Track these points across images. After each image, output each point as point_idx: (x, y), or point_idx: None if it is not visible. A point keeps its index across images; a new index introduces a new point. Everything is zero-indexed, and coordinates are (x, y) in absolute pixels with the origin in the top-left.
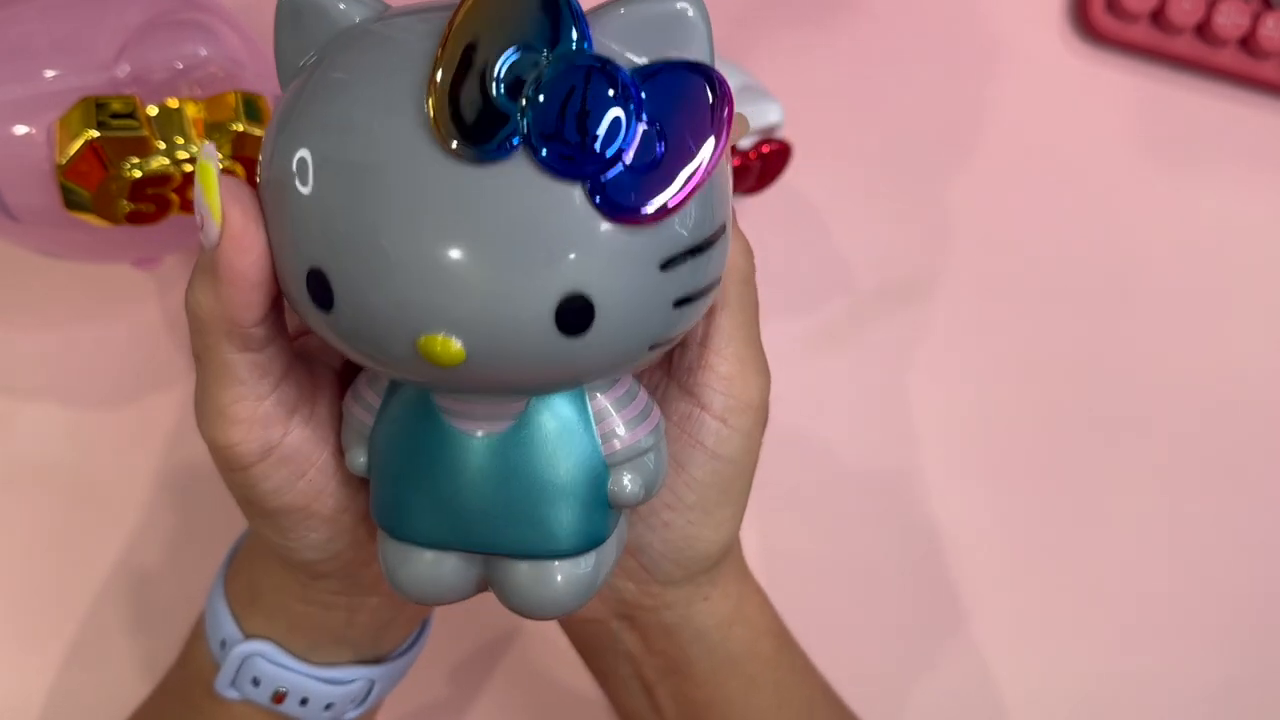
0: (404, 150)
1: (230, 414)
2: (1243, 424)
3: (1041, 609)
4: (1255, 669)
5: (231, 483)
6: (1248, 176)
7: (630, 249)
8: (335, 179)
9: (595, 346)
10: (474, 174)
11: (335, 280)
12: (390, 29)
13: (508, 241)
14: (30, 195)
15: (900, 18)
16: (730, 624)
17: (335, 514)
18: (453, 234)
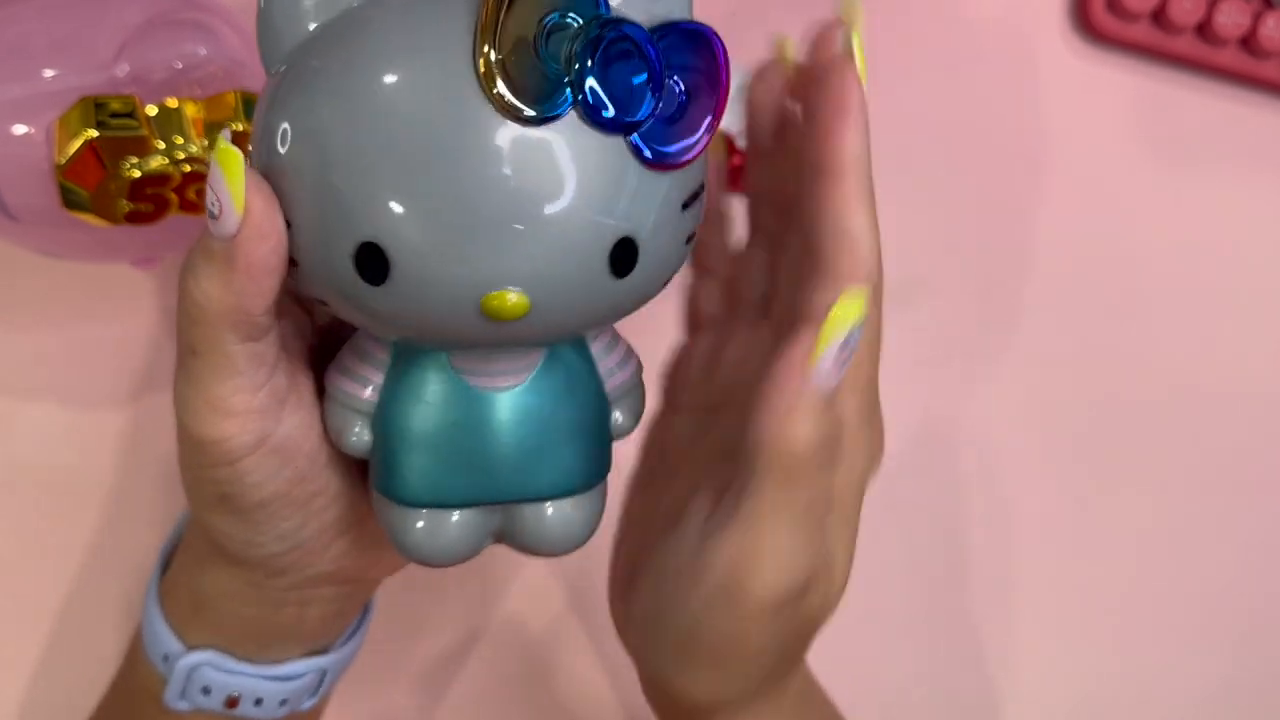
0: (461, 117)
1: (227, 406)
2: (1243, 424)
3: (1041, 609)
4: (1256, 670)
5: (212, 479)
6: (1248, 176)
7: (666, 193)
8: (390, 151)
9: (636, 285)
10: (532, 134)
11: (395, 251)
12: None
13: (569, 195)
14: (29, 195)
15: (899, 17)
16: None
17: (309, 499)
18: (518, 194)
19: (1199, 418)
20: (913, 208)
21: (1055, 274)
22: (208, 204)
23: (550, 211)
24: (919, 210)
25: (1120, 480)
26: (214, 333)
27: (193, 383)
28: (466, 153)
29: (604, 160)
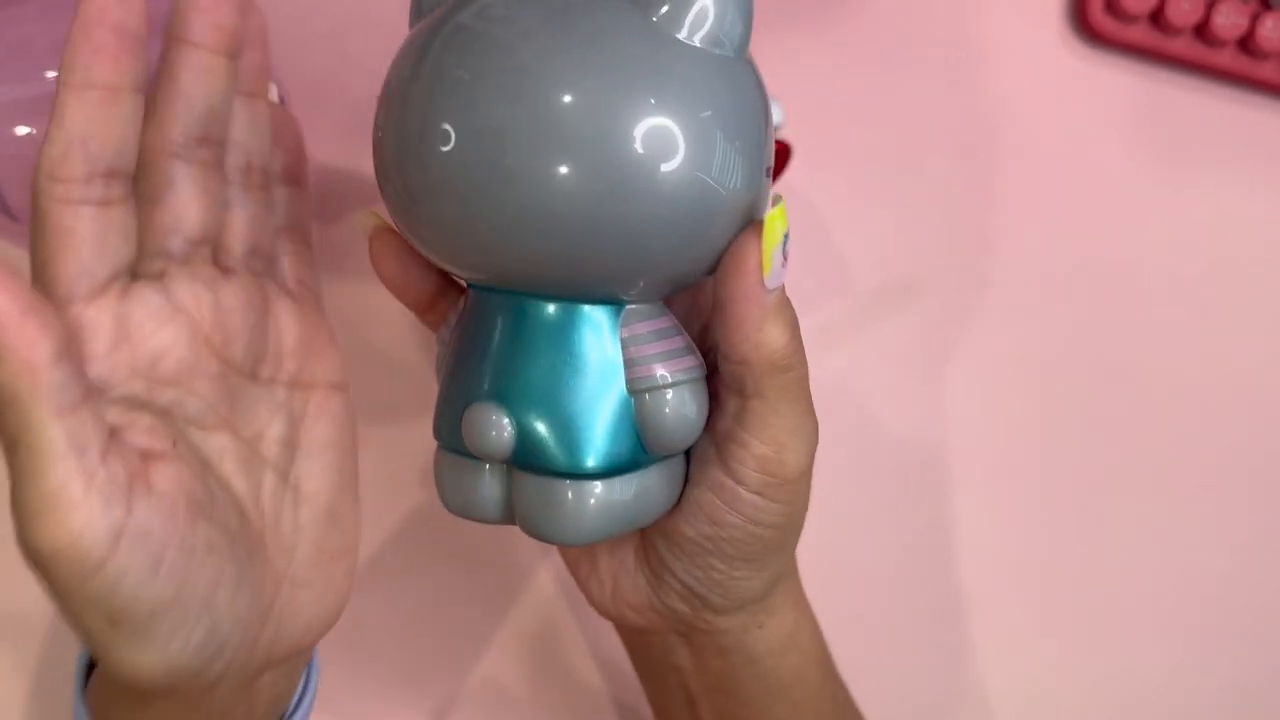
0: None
1: (65, 497)
2: (1243, 424)
3: (1040, 609)
4: (1254, 670)
5: (88, 599)
6: (1247, 177)
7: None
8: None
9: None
10: None
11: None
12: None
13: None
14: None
15: (900, 18)
16: (784, 651)
17: (209, 593)
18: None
19: (1199, 417)
20: (911, 208)
21: (1054, 274)
22: None
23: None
24: (917, 211)
25: (1120, 480)
26: (26, 409)
27: (22, 484)
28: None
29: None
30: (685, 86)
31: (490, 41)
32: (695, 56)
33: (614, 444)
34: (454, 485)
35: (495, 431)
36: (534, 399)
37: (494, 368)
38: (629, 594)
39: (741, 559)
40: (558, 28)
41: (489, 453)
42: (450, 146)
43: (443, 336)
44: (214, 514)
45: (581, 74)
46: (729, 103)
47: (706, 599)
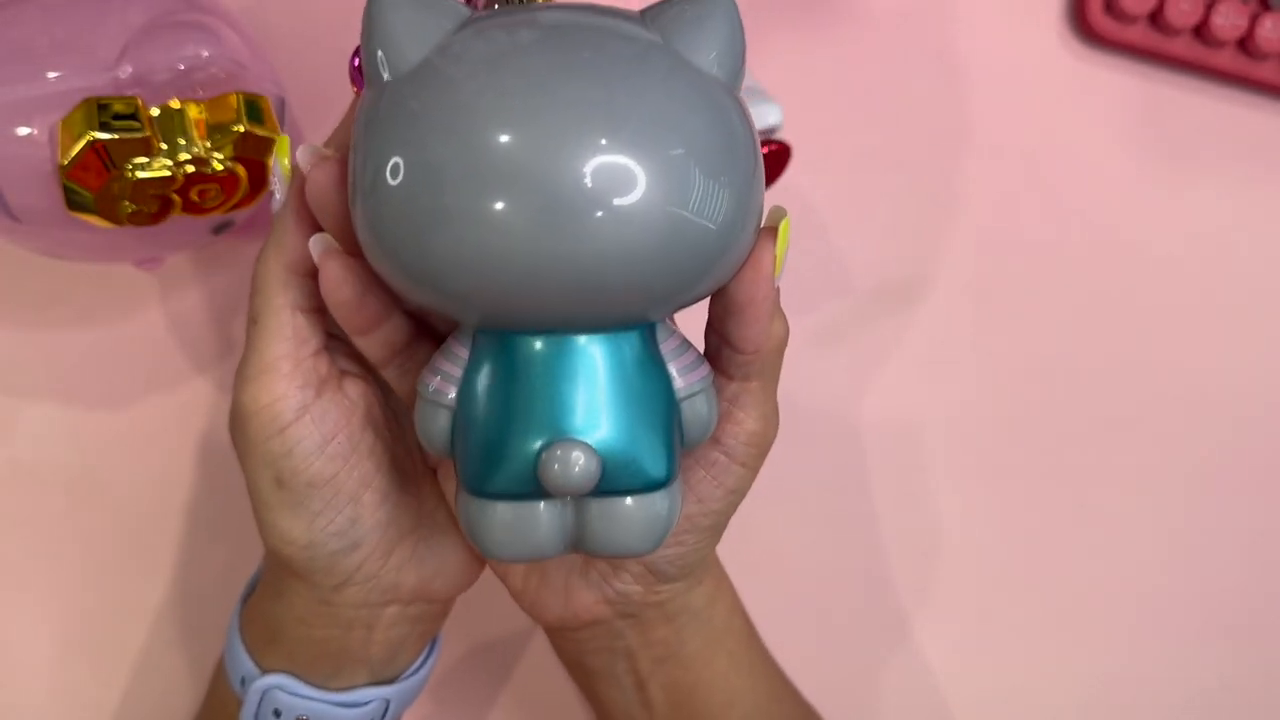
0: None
1: (277, 368)
2: (1242, 425)
3: (1039, 609)
4: (1253, 671)
5: (266, 455)
6: (1246, 177)
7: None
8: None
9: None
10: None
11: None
12: None
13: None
14: (32, 196)
15: (899, 19)
16: (714, 600)
17: (357, 490)
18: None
19: (1199, 417)
20: (910, 208)
21: (1053, 274)
22: (272, 191)
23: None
24: (917, 211)
25: (1119, 480)
26: (270, 296)
27: (250, 351)
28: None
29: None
30: (649, 123)
31: (445, 77)
32: (674, 87)
33: (673, 452)
34: (509, 531)
35: (581, 467)
36: (609, 427)
37: (553, 404)
38: (581, 592)
39: (710, 528)
40: (518, 60)
41: (574, 489)
42: (399, 180)
43: (433, 386)
44: (383, 434)
45: (525, 113)
46: (707, 134)
47: (664, 573)
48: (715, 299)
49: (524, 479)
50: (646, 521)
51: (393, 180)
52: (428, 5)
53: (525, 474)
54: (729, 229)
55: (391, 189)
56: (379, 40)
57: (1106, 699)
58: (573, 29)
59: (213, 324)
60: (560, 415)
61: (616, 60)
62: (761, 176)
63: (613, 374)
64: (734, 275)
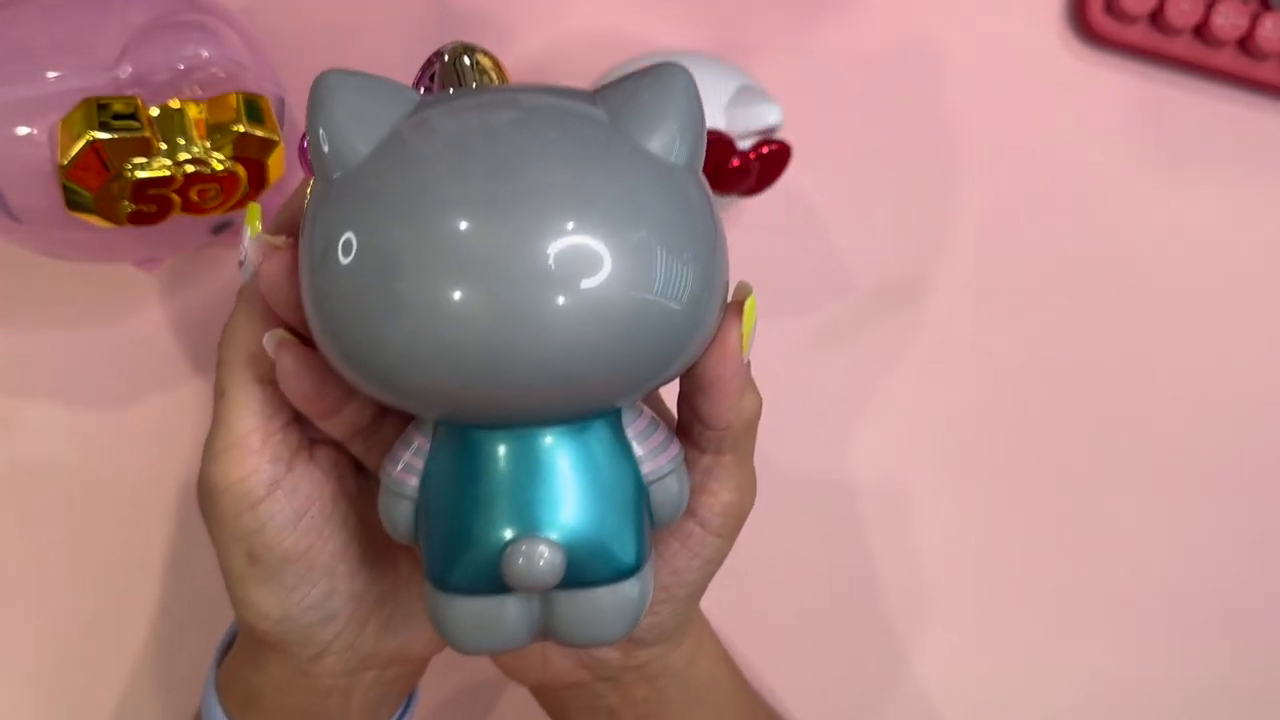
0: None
1: (247, 443)
2: (1242, 425)
3: (1039, 608)
4: (1252, 671)
5: (238, 532)
6: (1246, 177)
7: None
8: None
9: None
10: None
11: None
12: None
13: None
14: (32, 196)
15: (899, 19)
16: (695, 659)
17: (332, 562)
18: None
19: (1198, 418)
20: (910, 208)
21: (1053, 275)
22: (239, 259)
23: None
24: (916, 211)
25: (1119, 480)
26: (236, 370)
27: (218, 426)
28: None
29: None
30: (611, 207)
31: (405, 157)
32: (634, 168)
33: (643, 537)
34: (477, 626)
35: (545, 561)
36: (575, 519)
37: (516, 499)
38: (558, 659)
39: (687, 598)
40: (476, 143)
41: (539, 585)
42: (350, 259)
43: (394, 476)
44: (356, 502)
45: (485, 199)
46: (667, 214)
47: (641, 640)
48: (685, 376)
49: (488, 575)
50: (616, 610)
51: (344, 258)
52: (376, 91)
53: (489, 570)
54: (695, 308)
55: (342, 267)
56: (326, 127)
57: (1107, 699)
58: (530, 112)
59: (213, 324)
60: (524, 510)
61: (574, 143)
62: (725, 252)
63: (578, 465)
64: (702, 353)
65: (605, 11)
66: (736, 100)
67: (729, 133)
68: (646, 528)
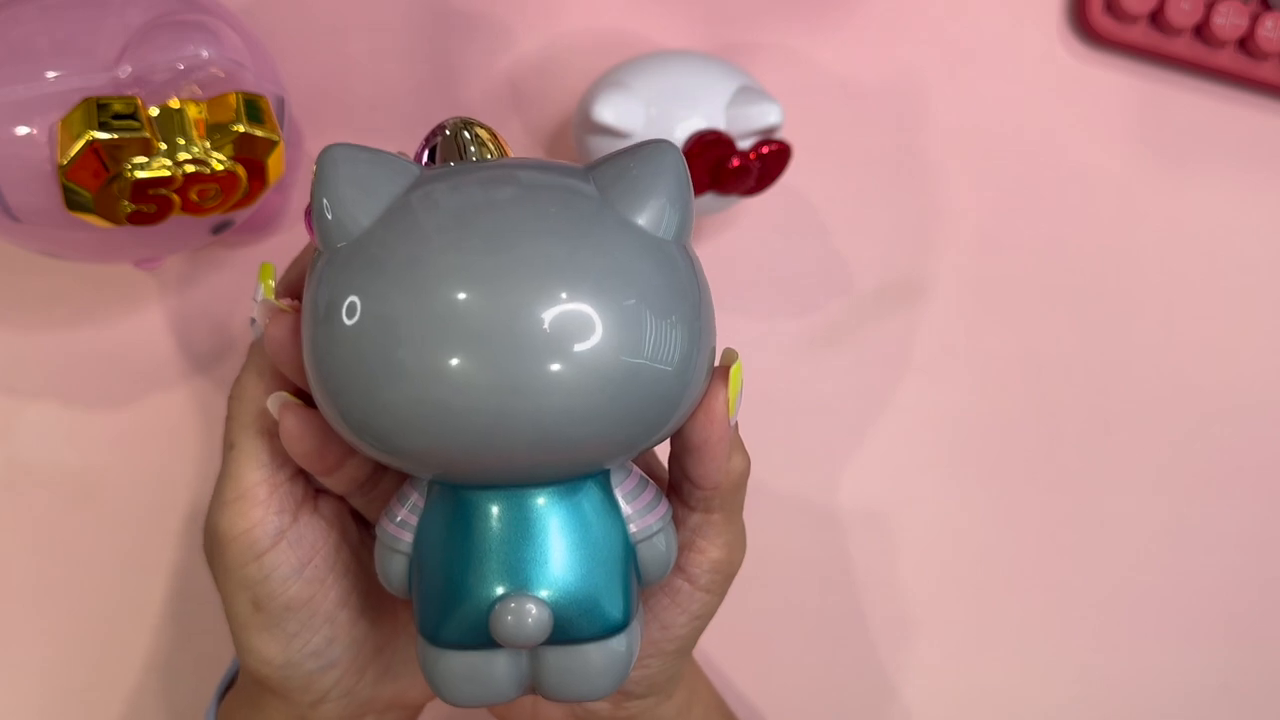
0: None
1: (254, 494)
2: (1241, 425)
3: (1039, 609)
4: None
5: (244, 580)
6: (1246, 177)
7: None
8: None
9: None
10: None
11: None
12: None
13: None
14: (31, 196)
15: (899, 19)
16: (687, 710)
17: (334, 610)
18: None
19: (1198, 418)
20: (910, 208)
21: (1053, 275)
22: (250, 316)
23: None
24: (916, 211)
25: (1120, 480)
26: (245, 423)
27: (226, 477)
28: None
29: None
30: (602, 278)
31: (410, 224)
32: (622, 241)
33: (631, 594)
34: (466, 679)
35: (533, 619)
36: (563, 578)
37: (506, 558)
38: (548, 709)
39: (676, 652)
40: (476, 216)
41: (526, 642)
42: (354, 321)
43: (389, 531)
44: (358, 550)
45: (483, 270)
46: (655, 280)
47: (631, 692)
48: (674, 437)
49: (478, 631)
50: (603, 667)
51: (348, 320)
52: (379, 165)
53: (479, 626)
54: (684, 370)
55: (345, 329)
56: (330, 198)
57: (1105, 699)
58: (527, 188)
59: (213, 324)
60: (513, 569)
61: (568, 218)
62: (711, 318)
63: (567, 525)
64: (691, 415)
65: (604, 11)
66: (736, 100)
67: (729, 133)
68: (634, 585)
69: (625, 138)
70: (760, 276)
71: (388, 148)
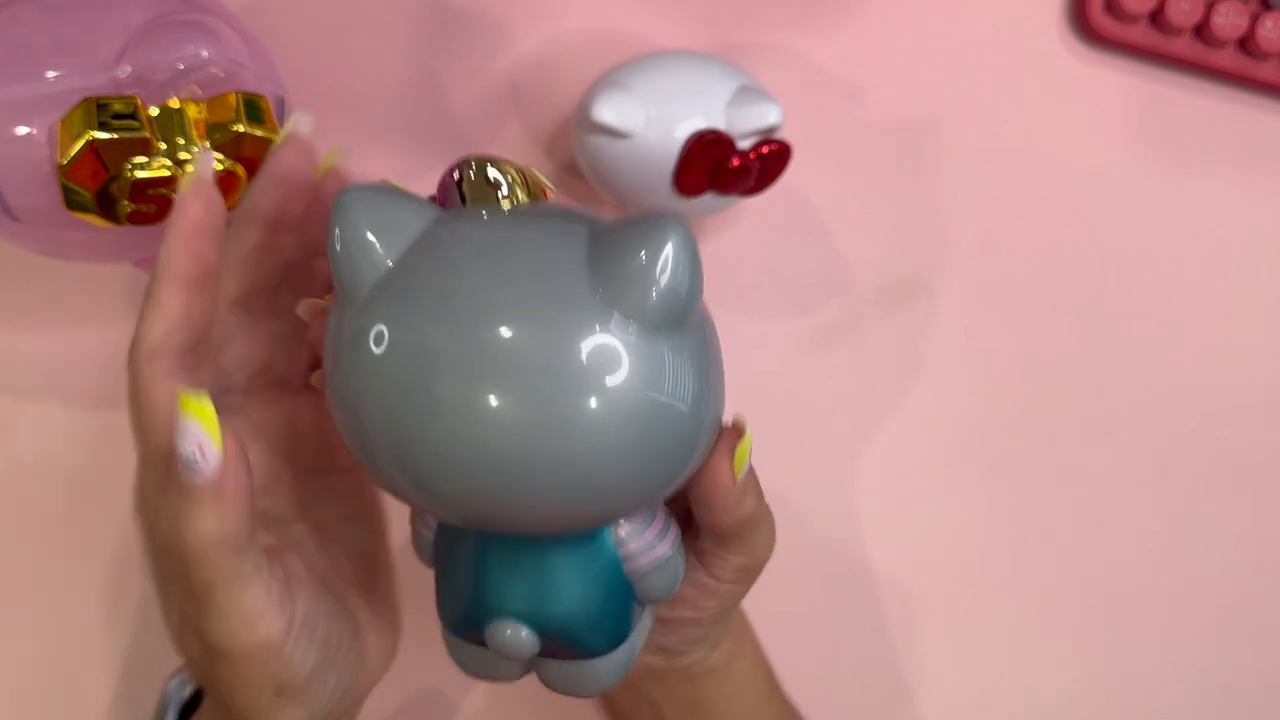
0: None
1: (258, 611)
2: (1242, 425)
3: (1038, 608)
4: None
5: (266, 677)
6: (1246, 177)
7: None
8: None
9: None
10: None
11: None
12: None
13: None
14: (31, 195)
15: (899, 18)
16: (735, 657)
17: (337, 653)
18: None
19: (1198, 418)
20: (911, 208)
21: (1053, 274)
22: (186, 456)
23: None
24: (916, 211)
25: (1120, 479)
26: (223, 562)
27: (221, 613)
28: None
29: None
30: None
31: (442, 258)
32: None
33: (622, 621)
34: (476, 663)
35: (518, 644)
36: (550, 609)
37: (501, 582)
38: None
39: (715, 620)
40: (506, 252)
41: (516, 657)
42: (383, 349)
43: (418, 528)
44: (329, 584)
45: (518, 310)
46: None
47: (679, 651)
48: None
49: (478, 636)
50: (592, 678)
51: (376, 348)
52: (395, 205)
53: (479, 634)
54: (698, 410)
55: (375, 357)
56: (345, 238)
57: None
58: (551, 233)
59: None
60: (509, 598)
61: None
62: (720, 361)
63: (566, 563)
64: (701, 464)
65: (605, 11)
66: (736, 100)
67: (729, 133)
68: (631, 611)
69: (625, 137)
70: (760, 276)
71: (390, 152)
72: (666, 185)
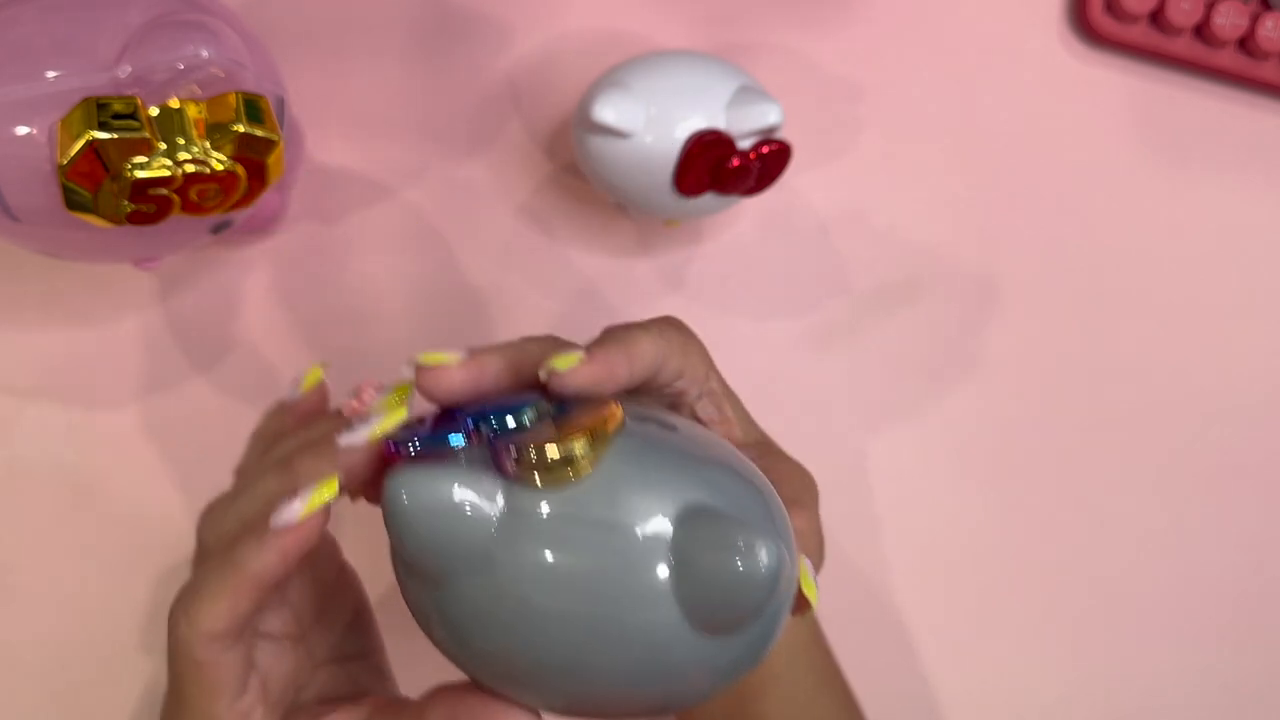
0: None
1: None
2: (1242, 425)
3: (1038, 607)
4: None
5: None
6: (1246, 177)
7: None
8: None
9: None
10: None
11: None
12: None
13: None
14: (31, 195)
15: (899, 19)
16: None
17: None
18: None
19: (1198, 418)
20: (911, 208)
21: (1053, 274)
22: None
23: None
24: (917, 210)
25: (1120, 479)
26: (208, 655)
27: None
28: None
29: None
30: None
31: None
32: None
33: None
34: None
35: None
36: None
37: None
38: None
39: None
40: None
41: None
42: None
43: None
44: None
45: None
46: None
47: None
48: None
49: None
50: None
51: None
52: (455, 513)
53: None
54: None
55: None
56: (414, 547)
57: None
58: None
59: (212, 324)
60: None
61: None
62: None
63: None
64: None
65: (605, 11)
66: (736, 100)
67: (729, 133)
68: None
69: (625, 137)
70: (760, 276)
71: (390, 152)
72: (666, 185)
